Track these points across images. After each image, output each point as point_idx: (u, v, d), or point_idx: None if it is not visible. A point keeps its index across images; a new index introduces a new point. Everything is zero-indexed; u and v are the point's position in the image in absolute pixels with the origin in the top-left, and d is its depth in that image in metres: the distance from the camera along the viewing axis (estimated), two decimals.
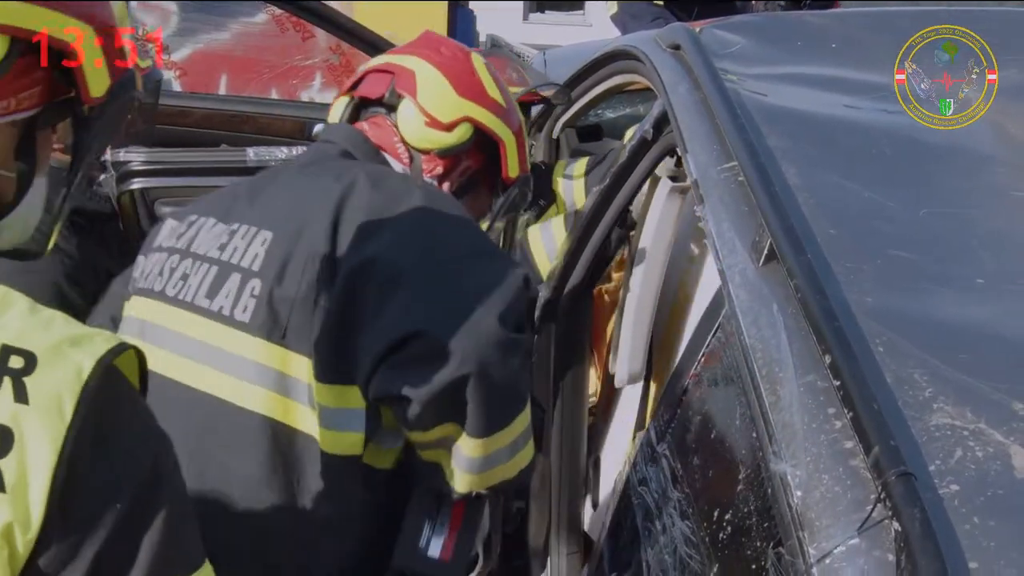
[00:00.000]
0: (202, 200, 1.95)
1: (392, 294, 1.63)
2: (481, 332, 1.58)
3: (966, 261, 1.69)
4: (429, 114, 1.98)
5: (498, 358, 1.59)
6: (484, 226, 2.08)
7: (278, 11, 4.52)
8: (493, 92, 2.05)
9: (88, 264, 2.45)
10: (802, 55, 2.47)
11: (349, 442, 1.71)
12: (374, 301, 1.64)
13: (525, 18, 21.11)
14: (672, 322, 2.66)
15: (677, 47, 2.37)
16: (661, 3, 4.44)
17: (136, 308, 1.84)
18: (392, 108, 2.01)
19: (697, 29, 2.45)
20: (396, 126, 2.01)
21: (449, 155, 2.01)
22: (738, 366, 1.51)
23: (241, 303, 1.71)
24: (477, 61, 2.08)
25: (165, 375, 1.73)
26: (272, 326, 1.68)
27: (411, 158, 2.00)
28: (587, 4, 20.16)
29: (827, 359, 1.34)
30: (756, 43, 2.45)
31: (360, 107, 2.08)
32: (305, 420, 1.70)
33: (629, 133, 3.54)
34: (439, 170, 2.02)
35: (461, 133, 1.99)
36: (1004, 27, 2.48)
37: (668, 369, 2.63)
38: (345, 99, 2.10)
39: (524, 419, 1.73)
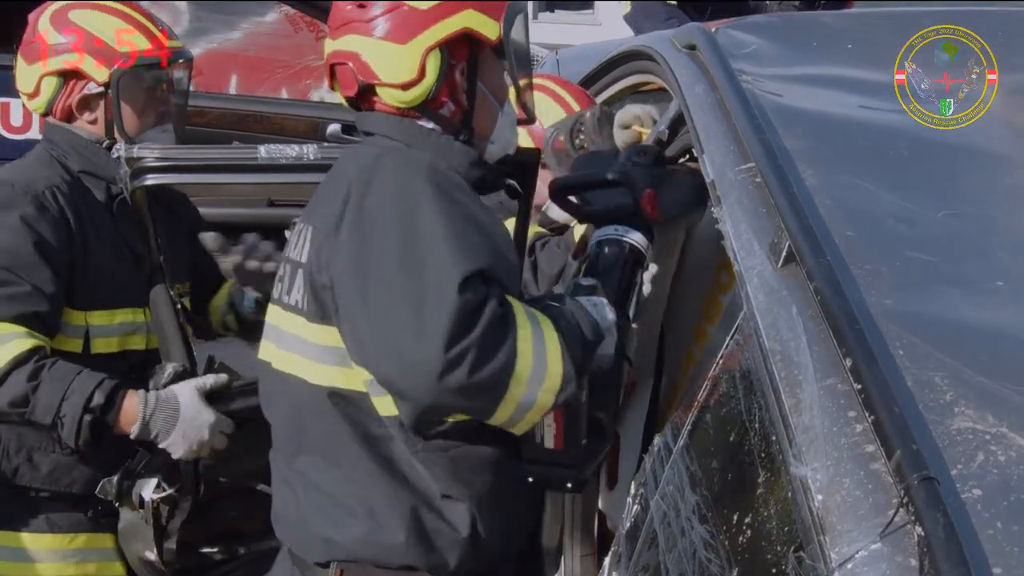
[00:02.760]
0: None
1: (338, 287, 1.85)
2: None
3: (985, 263, 1.68)
4: (400, 83, 1.95)
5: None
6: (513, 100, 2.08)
7: (291, 10, 4.50)
8: (421, 3, 1.96)
9: (118, 240, 2.48)
10: (818, 55, 2.47)
11: (384, 401, 1.88)
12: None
13: (534, 17, 20.98)
14: (685, 321, 2.65)
15: (693, 47, 2.37)
16: (675, 3, 4.41)
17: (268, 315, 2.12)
18: (373, 92, 2.00)
19: (713, 29, 2.44)
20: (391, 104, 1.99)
21: (442, 84, 1.98)
22: (757, 369, 1.51)
23: (303, 294, 1.92)
24: None
25: (271, 365, 2.01)
26: (320, 310, 1.88)
27: (425, 110, 1.98)
28: (596, 3, 20.09)
29: (847, 362, 1.33)
30: (772, 43, 2.44)
31: (356, 99, 2.05)
32: (362, 386, 1.90)
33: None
34: (444, 98, 1.99)
35: (433, 65, 1.94)
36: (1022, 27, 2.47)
37: (680, 367, 2.63)
38: (344, 101, 2.08)
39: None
